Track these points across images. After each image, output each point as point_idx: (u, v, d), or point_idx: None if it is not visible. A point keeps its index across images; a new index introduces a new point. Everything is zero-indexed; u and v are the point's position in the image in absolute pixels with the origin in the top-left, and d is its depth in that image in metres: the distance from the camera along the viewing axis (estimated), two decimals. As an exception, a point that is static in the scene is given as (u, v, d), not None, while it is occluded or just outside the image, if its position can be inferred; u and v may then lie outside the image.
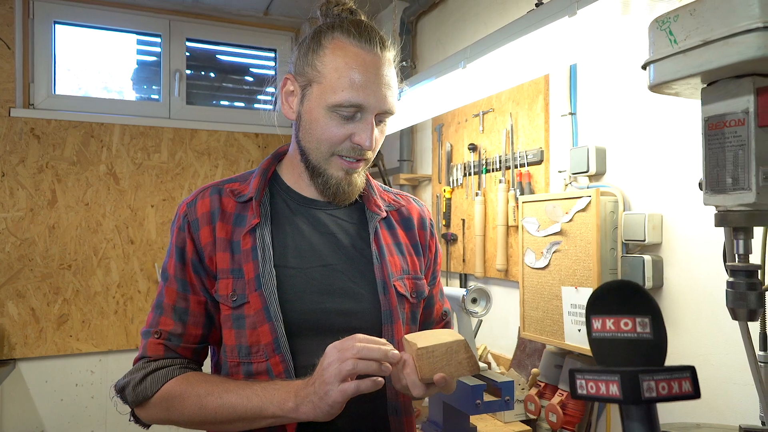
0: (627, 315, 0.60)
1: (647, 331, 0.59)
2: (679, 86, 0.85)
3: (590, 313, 0.61)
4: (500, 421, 1.79)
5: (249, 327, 0.94)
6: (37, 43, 2.90)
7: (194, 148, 3.16)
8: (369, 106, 0.93)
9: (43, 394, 2.85)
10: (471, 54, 1.57)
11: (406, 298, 1.04)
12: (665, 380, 0.57)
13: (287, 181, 1.05)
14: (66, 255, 2.89)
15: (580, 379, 0.58)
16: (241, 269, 0.96)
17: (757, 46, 0.71)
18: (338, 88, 0.92)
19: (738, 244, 0.82)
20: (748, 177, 0.76)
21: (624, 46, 1.55)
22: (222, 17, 3.25)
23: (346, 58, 0.93)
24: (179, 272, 0.98)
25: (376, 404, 0.98)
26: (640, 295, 0.61)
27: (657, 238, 1.48)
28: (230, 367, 0.97)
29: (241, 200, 1.00)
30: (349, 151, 0.96)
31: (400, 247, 1.08)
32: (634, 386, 0.56)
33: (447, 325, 1.21)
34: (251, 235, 0.97)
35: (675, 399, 0.57)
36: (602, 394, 0.57)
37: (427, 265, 1.14)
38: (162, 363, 0.96)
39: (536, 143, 1.96)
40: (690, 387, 0.57)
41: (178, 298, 0.98)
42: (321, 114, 0.94)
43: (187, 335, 0.98)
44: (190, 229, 0.98)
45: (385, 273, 1.01)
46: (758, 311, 0.80)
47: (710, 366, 1.36)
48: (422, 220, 1.14)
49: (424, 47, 2.79)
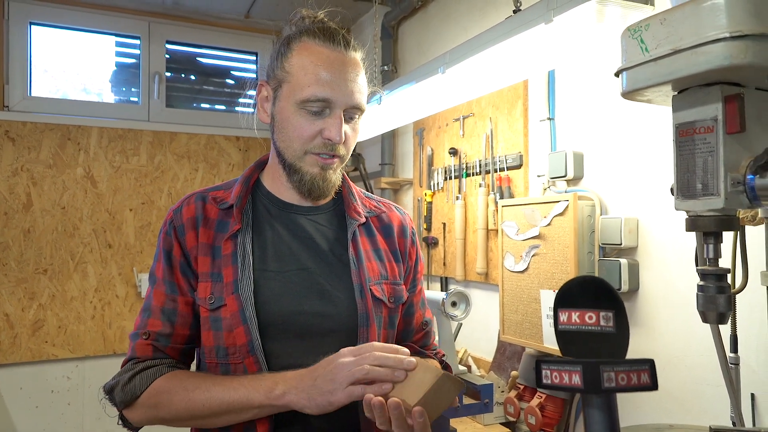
0: (591, 309, 0.62)
1: (610, 325, 0.62)
2: (651, 93, 0.86)
3: (557, 306, 0.64)
4: (480, 424, 1.80)
5: (225, 329, 0.97)
6: (12, 44, 2.85)
7: (174, 151, 3.13)
8: (336, 101, 0.97)
9: (18, 401, 2.79)
10: (450, 59, 1.59)
11: (384, 303, 1.05)
12: (625, 372, 0.59)
13: (268, 187, 1.08)
14: (42, 259, 2.84)
15: (545, 369, 0.61)
16: (221, 273, 0.99)
17: (724, 56, 0.72)
18: (305, 84, 0.96)
19: (708, 248, 0.83)
20: (717, 183, 0.77)
21: (600, 54, 1.57)
22: (202, 20, 3.23)
23: (311, 56, 0.98)
24: (167, 275, 1.01)
25: (352, 405, 0.99)
26: (605, 290, 0.64)
27: (633, 242, 1.50)
28: (209, 367, 0.99)
29: (223, 207, 1.04)
30: (321, 148, 0.99)
31: (379, 253, 1.10)
32: (595, 377, 0.59)
33: (427, 335, 1.21)
34: (232, 240, 1.01)
35: (634, 390, 0.59)
36: (565, 384, 0.60)
37: (407, 272, 1.15)
38: (150, 363, 0.98)
39: (515, 148, 1.98)
40: (648, 379, 0.59)
41: (166, 300, 1.01)
42: (291, 112, 0.99)
43: (176, 335, 1.01)
44: (177, 234, 1.02)
45: (362, 277, 1.03)
46: (727, 314, 0.82)
47: (684, 367, 1.39)
48: (403, 227, 1.16)
49: (405, 52, 2.80)
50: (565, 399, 1.65)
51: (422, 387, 0.83)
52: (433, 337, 1.24)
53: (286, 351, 0.97)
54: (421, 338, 1.20)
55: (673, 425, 1.00)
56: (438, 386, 0.83)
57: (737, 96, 0.77)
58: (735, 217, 0.81)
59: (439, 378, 0.83)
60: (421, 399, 0.82)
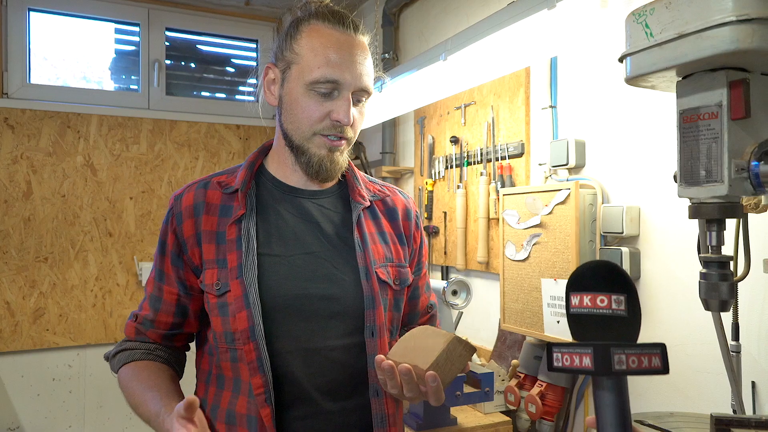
0: (603, 292, 0.62)
1: (622, 308, 0.61)
2: (655, 79, 0.85)
3: (569, 290, 0.64)
4: (480, 412, 1.81)
5: (231, 314, 0.98)
6: (11, 31, 2.83)
7: (174, 139, 3.12)
8: (345, 82, 0.97)
9: (19, 389, 2.80)
10: (451, 46, 1.57)
11: (389, 285, 1.06)
12: (636, 355, 0.59)
13: (273, 172, 1.08)
14: (42, 248, 2.84)
15: (556, 352, 0.61)
16: (225, 259, 0.99)
17: (730, 40, 0.71)
18: (315, 66, 0.97)
19: (711, 235, 0.83)
20: (721, 169, 0.76)
21: (603, 40, 1.56)
22: (202, 7, 3.21)
23: (321, 38, 0.98)
24: (159, 262, 1.06)
25: (359, 388, 1.02)
26: (617, 274, 0.63)
27: (635, 231, 1.49)
28: (220, 353, 1.01)
29: (228, 191, 1.04)
30: (329, 129, 0.99)
31: (384, 236, 1.10)
32: (606, 359, 0.58)
33: (432, 318, 1.23)
34: (236, 225, 1.01)
35: (644, 373, 0.59)
36: (576, 366, 0.60)
37: (411, 255, 1.16)
38: (130, 345, 1.07)
39: (517, 136, 1.96)
40: (659, 362, 0.59)
41: (154, 287, 1.06)
42: (300, 93, 0.99)
43: (158, 322, 1.06)
44: (174, 222, 1.03)
45: (367, 260, 1.03)
46: (729, 302, 0.81)
47: (685, 356, 1.39)
48: (407, 211, 1.17)
49: (406, 39, 2.78)
50: (566, 387, 1.66)
51: (434, 351, 0.83)
52: (438, 320, 1.25)
53: (293, 334, 0.98)
54: (426, 321, 1.21)
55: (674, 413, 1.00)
56: (449, 350, 0.83)
57: (743, 81, 0.76)
58: (738, 204, 0.80)
59: (450, 341, 0.83)
60: (432, 363, 0.82)
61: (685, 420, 0.98)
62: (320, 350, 0.99)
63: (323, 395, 0.99)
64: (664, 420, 0.97)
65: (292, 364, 0.98)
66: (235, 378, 0.99)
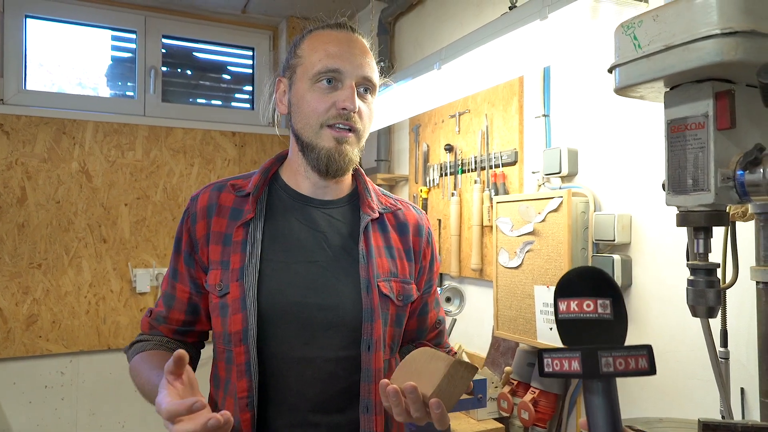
0: (589, 297, 0.63)
1: (608, 312, 0.63)
2: (644, 90, 0.87)
3: (557, 296, 0.65)
4: (474, 419, 1.81)
5: (228, 316, 0.99)
6: (8, 37, 2.84)
7: (170, 146, 3.13)
8: (346, 71, 1.00)
9: (11, 397, 2.78)
10: (446, 55, 1.59)
11: (391, 300, 1.05)
12: (623, 357, 0.60)
13: (286, 180, 1.10)
14: (36, 254, 2.83)
15: (546, 358, 0.62)
16: (229, 260, 1.01)
17: (716, 52, 0.73)
18: (316, 60, 1.01)
19: (698, 243, 0.84)
20: (707, 178, 0.78)
21: (594, 50, 1.58)
22: (199, 14, 3.22)
23: (321, 38, 1.04)
24: (174, 261, 1.10)
25: (350, 403, 1.01)
26: (603, 279, 0.65)
27: (626, 238, 1.51)
28: (219, 353, 1.03)
29: (240, 194, 1.06)
30: (336, 118, 1.00)
31: (391, 251, 1.09)
32: (593, 362, 0.60)
33: (440, 334, 1.22)
34: (244, 228, 1.03)
35: (632, 374, 0.60)
36: (565, 370, 0.61)
37: (420, 272, 1.14)
38: (143, 338, 1.10)
39: (511, 144, 1.98)
40: (646, 364, 0.60)
41: (169, 285, 1.10)
42: (306, 89, 1.02)
43: (170, 319, 1.09)
44: (189, 222, 1.07)
45: (370, 272, 1.03)
46: (716, 308, 0.83)
47: (675, 362, 1.40)
48: (419, 227, 1.16)
49: (402, 48, 2.80)
50: (558, 394, 1.67)
51: (436, 376, 0.82)
52: (446, 335, 1.25)
53: (288, 342, 0.98)
54: (434, 337, 1.21)
55: (663, 419, 1.01)
56: (451, 374, 0.82)
57: (728, 92, 0.77)
58: (725, 212, 0.82)
59: (452, 365, 0.82)
60: (435, 389, 0.81)
61: (674, 425, 0.99)
62: (314, 360, 0.98)
63: (312, 407, 0.99)
64: (653, 425, 0.98)
65: (284, 371, 0.98)
66: (227, 379, 1.00)
